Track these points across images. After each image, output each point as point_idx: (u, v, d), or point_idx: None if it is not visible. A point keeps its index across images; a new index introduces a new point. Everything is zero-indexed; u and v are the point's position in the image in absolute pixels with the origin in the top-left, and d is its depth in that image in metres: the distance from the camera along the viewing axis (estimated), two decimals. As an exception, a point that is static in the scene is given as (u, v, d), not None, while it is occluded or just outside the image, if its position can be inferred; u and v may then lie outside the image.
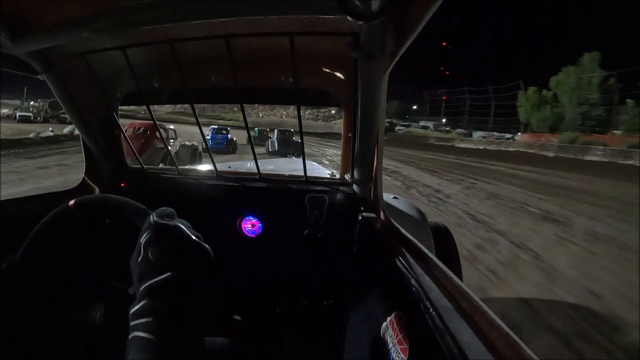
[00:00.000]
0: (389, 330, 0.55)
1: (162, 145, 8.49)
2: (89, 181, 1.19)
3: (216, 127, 16.53)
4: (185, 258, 0.47)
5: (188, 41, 0.78)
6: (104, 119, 1.13)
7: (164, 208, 0.55)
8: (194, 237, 0.51)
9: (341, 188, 1.11)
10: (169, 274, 0.45)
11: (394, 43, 0.62)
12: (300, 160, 1.21)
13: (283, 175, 1.22)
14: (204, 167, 1.62)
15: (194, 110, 1.00)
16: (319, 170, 2.52)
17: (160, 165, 7.18)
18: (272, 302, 1.22)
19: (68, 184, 1.18)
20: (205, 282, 0.50)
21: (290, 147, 14.90)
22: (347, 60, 0.90)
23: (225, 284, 1.11)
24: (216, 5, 0.58)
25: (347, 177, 1.11)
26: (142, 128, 8.85)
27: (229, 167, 1.87)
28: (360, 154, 0.94)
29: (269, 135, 18.58)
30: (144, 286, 0.44)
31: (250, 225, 1.18)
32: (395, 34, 0.59)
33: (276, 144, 15.84)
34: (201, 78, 1.03)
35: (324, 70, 0.99)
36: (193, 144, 10.59)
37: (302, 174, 1.14)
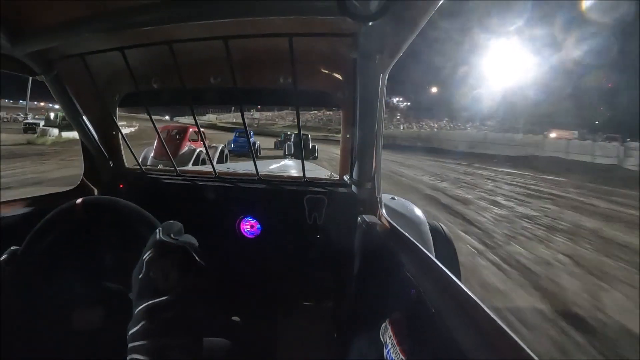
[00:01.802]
0: (388, 331, 0.55)
1: (194, 147, 9.70)
2: (87, 182, 1.18)
3: (239, 130, 17.90)
4: (187, 282, 0.47)
5: (187, 42, 0.78)
6: (103, 120, 1.13)
7: (172, 222, 0.54)
8: (198, 261, 0.50)
9: (340, 189, 1.11)
10: (168, 296, 0.44)
11: (392, 44, 0.62)
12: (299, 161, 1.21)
13: (282, 177, 1.22)
14: (203, 168, 1.62)
15: (192, 112, 1.00)
16: (318, 171, 2.52)
17: (190, 165, 8.43)
18: (271, 303, 1.22)
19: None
20: (207, 306, 0.49)
21: (305, 150, 15.99)
22: (346, 61, 0.90)
23: (224, 284, 1.11)
24: (215, 7, 0.58)
25: (346, 178, 1.11)
26: (176, 131, 9.90)
27: (228, 168, 1.87)
28: (360, 155, 0.94)
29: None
30: (142, 305, 0.44)
31: (249, 226, 1.17)
32: (393, 35, 0.59)
33: (292, 147, 16.97)
34: (200, 79, 1.03)
35: (323, 71, 0.99)
36: (221, 147, 11.64)
37: (301, 174, 1.14)
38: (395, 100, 62.19)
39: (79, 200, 0.62)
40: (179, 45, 0.78)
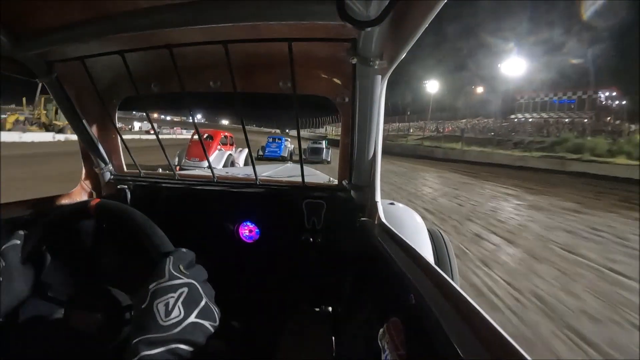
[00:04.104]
0: (386, 336, 0.54)
1: (224, 150, 10.65)
2: (86, 185, 1.18)
3: (272, 137, 19.10)
4: (191, 321, 0.46)
5: (187, 46, 0.79)
6: (102, 124, 1.13)
7: (184, 252, 0.54)
8: (205, 299, 0.49)
9: (339, 194, 1.11)
10: (169, 333, 0.43)
11: (392, 49, 0.62)
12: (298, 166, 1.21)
13: (281, 181, 1.22)
14: (202, 172, 1.62)
15: (192, 116, 1.00)
16: (317, 176, 2.52)
17: (221, 166, 9.34)
18: (269, 308, 1.21)
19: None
20: (208, 345, 0.48)
21: (320, 154, 17.34)
22: (346, 66, 0.90)
23: (222, 289, 1.10)
24: (215, 11, 0.58)
25: (345, 182, 1.11)
26: (206, 135, 10.70)
27: (227, 172, 1.87)
28: (358, 160, 0.95)
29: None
30: (141, 337, 0.43)
31: (247, 231, 1.17)
32: (393, 40, 0.60)
33: (308, 152, 17.90)
34: (200, 83, 1.04)
35: (323, 76, 1.00)
36: (246, 151, 12.65)
37: (300, 179, 1.14)
38: (602, 95, 32.13)
39: (93, 202, 0.62)
40: (178, 49, 0.79)
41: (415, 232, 1.51)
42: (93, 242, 0.70)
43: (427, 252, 1.48)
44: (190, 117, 1.01)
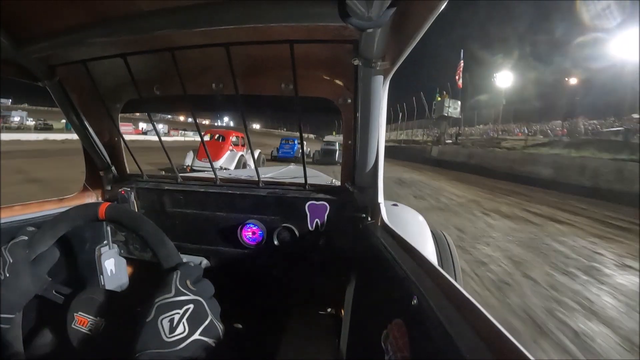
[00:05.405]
0: (390, 338, 0.54)
1: (235, 151, 10.66)
2: (89, 187, 1.19)
3: (285, 138, 19.79)
4: (195, 338, 0.46)
5: (189, 49, 0.79)
6: (105, 127, 1.13)
7: (192, 266, 0.54)
8: (210, 317, 0.49)
9: (342, 195, 1.10)
10: (172, 349, 0.43)
11: (394, 50, 0.62)
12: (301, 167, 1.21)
13: (284, 183, 1.22)
14: (205, 174, 1.62)
15: (194, 118, 1.00)
16: (320, 177, 2.52)
17: (233, 168, 9.49)
18: (273, 310, 1.21)
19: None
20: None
21: (332, 156, 17.44)
22: (348, 68, 0.90)
23: (225, 291, 1.10)
24: (216, 13, 0.58)
25: (348, 184, 1.11)
26: (217, 135, 10.78)
27: (230, 174, 1.87)
28: (361, 161, 0.94)
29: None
30: (144, 351, 0.43)
31: (250, 233, 1.17)
32: (395, 41, 0.59)
33: (320, 154, 18.46)
34: (202, 85, 1.04)
35: (325, 77, 1.00)
36: (259, 152, 12.67)
37: (303, 181, 1.13)
38: None
39: (103, 205, 0.62)
40: (180, 52, 0.79)
41: (418, 233, 1.50)
42: (97, 244, 0.70)
43: (430, 254, 1.47)
44: (195, 119, 1.01)
